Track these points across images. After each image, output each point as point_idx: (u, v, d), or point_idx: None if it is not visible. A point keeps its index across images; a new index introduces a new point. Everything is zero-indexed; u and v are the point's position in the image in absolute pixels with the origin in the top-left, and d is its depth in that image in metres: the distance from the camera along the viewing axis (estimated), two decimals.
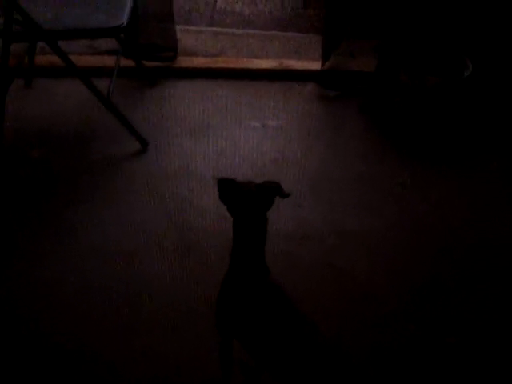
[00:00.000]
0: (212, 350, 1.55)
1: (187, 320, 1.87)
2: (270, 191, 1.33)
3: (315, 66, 2.85)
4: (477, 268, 2.10)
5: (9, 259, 2.06)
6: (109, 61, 2.76)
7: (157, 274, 2.02)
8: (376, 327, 1.89)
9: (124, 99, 2.69)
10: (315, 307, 1.82)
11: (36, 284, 1.98)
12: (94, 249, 2.09)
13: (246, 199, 1.31)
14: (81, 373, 1.75)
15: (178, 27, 2.88)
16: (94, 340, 1.83)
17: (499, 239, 2.18)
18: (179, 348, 1.80)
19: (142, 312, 1.91)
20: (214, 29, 3.13)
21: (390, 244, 2.18)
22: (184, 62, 2.90)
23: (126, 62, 2.74)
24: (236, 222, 1.34)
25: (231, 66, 2.90)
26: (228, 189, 1.32)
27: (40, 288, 1.97)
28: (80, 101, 2.65)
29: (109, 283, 1.98)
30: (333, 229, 2.19)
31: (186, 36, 2.99)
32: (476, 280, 2.05)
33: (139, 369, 1.76)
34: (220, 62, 2.92)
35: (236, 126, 2.61)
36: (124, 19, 2.28)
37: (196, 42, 3.01)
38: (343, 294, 1.99)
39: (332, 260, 2.10)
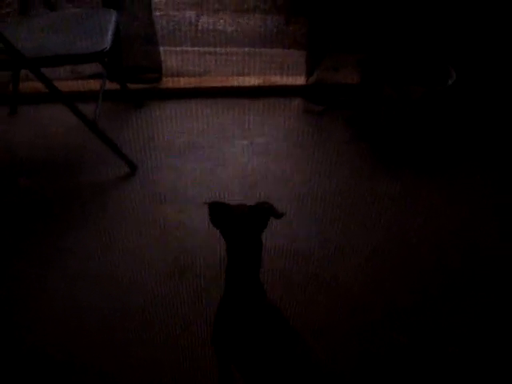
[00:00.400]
0: (209, 361, 1.53)
1: (183, 332, 1.86)
2: (263, 213, 1.31)
3: (300, 81, 2.87)
4: (466, 278, 2.09)
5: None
6: (93, 85, 2.77)
7: (150, 296, 2.00)
8: (365, 338, 1.88)
9: (110, 122, 2.69)
10: (308, 322, 1.85)
11: (26, 299, 1.98)
12: (85, 273, 2.07)
13: (239, 222, 1.30)
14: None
15: (161, 48, 2.89)
16: (84, 352, 1.82)
17: (487, 249, 2.19)
18: (175, 359, 1.79)
19: (135, 326, 1.90)
20: (198, 48, 3.14)
21: (379, 256, 2.17)
22: (169, 82, 2.91)
23: (111, 86, 2.74)
24: (230, 246, 1.32)
25: (216, 84, 2.92)
26: (220, 213, 1.31)
27: (30, 303, 1.97)
28: (66, 126, 2.65)
29: (99, 304, 1.96)
30: (323, 244, 2.19)
31: (170, 57, 3.00)
32: (466, 289, 2.05)
33: (133, 380, 1.75)
34: (205, 82, 2.94)
35: (224, 145, 2.62)
36: (107, 43, 2.29)
37: (180, 63, 3.03)
38: (335, 308, 1.97)
39: (323, 274, 2.08)
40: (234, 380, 1.51)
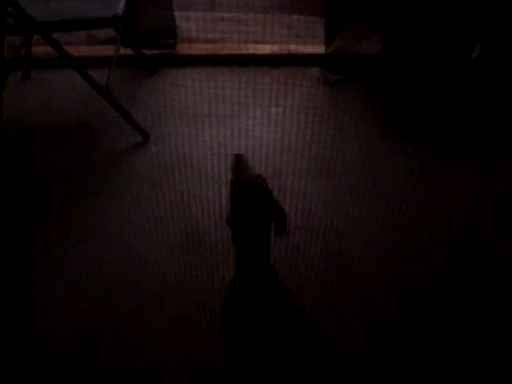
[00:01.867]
0: (219, 345, 1.51)
1: (195, 313, 1.83)
2: (278, 212, 1.25)
3: (318, 49, 2.79)
4: (478, 261, 2.04)
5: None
6: (108, 50, 2.71)
7: (160, 268, 1.98)
8: (370, 318, 1.85)
9: (124, 89, 2.65)
10: (321, 298, 1.85)
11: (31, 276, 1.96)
12: (92, 245, 2.04)
13: (247, 209, 1.23)
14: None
15: (176, 13, 2.81)
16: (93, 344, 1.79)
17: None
18: (187, 343, 1.76)
19: (147, 309, 1.87)
20: (215, 14, 3.06)
21: (399, 239, 2.12)
22: (184, 49, 2.85)
23: (125, 51, 2.69)
24: (237, 231, 1.26)
25: (232, 52, 2.84)
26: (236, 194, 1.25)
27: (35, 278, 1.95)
28: (79, 91, 2.60)
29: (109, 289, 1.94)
30: (338, 217, 2.14)
31: (185, 22, 2.93)
32: (476, 273, 2.00)
33: (144, 366, 1.73)
34: (221, 49, 2.86)
35: (238, 115, 2.56)
36: (120, 9, 2.23)
37: (196, 28, 2.95)
38: (343, 285, 1.94)
39: (338, 249, 2.05)
40: (239, 362, 1.49)
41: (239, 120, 2.54)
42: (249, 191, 1.24)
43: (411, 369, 1.73)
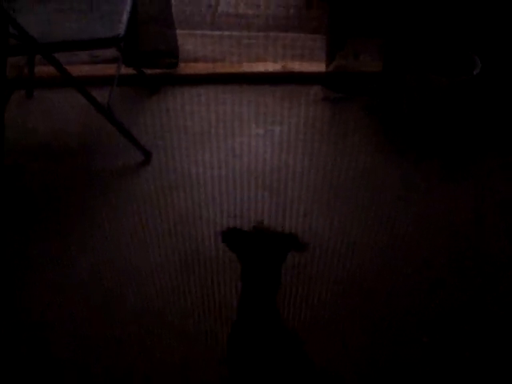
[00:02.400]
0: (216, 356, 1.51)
1: (196, 324, 1.85)
2: (285, 244, 1.25)
3: (320, 67, 2.79)
4: (478, 267, 2.06)
5: None
6: (110, 70, 2.71)
7: (161, 289, 1.98)
8: (374, 334, 1.85)
9: (126, 108, 2.66)
10: (318, 317, 1.85)
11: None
12: (92, 261, 2.07)
13: (258, 251, 1.23)
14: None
15: (178, 32, 2.83)
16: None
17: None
18: (186, 350, 1.78)
19: (144, 320, 1.89)
20: (216, 32, 3.08)
21: (400, 251, 2.12)
22: (186, 68, 2.86)
23: (127, 71, 2.70)
24: (246, 271, 1.25)
25: (234, 70, 2.86)
26: (236, 239, 1.24)
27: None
28: (82, 111, 2.61)
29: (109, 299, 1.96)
30: (339, 238, 2.14)
31: (187, 41, 2.94)
32: (476, 278, 2.02)
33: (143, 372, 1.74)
34: (222, 68, 2.88)
35: (240, 134, 2.56)
36: (121, 29, 2.24)
37: (198, 47, 2.96)
38: (347, 304, 1.95)
39: (339, 269, 2.05)
40: None
41: (240, 138, 2.54)
42: (259, 231, 1.25)
43: (412, 376, 1.73)
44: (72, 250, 2.10)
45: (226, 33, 3.07)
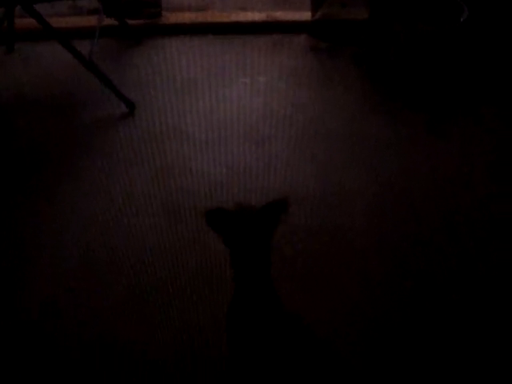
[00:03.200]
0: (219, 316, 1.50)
1: (190, 286, 1.82)
2: (274, 212, 1.22)
3: (305, 16, 2.76)
4: (474, 226, 2.02)
5: None
6: (92, 21, 2.67)
7: (148, 241, 1.96)
8: (365, 286, 1.83)
9: (109, 60, 2.62)
10: (307, 271, 1.83)
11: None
12: (79, 213, 2.04)
13: (245, 229, 1.18)
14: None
15: None
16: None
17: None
18: (182, 316, 1.73)
19: (141, 281, 1.85)
20: None
21: (388, 201, 2.10)
22: (169, 18, 2.81)
23: (110, 22, 2.65)
24: (235, 254, 1.21)
25: (218, 20, 2.81)
26: (221, 219, 1.20)
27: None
28: (64, 64, 2.57)
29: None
30: (326, 188, 2.12)
31: None
32: (470, 237, 1.98)
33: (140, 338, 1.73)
34: (207, 17, 2.83)
35: (225, 83, 2.53)
36: None
37: None
38: (334, 256, 1.91)
39: (327, 220, 2.03)
40: None
41: (226, 88, 2.51)
42: (241, 210, 1.22)
43: (409, 337, 1.72)
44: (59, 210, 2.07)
45: None
